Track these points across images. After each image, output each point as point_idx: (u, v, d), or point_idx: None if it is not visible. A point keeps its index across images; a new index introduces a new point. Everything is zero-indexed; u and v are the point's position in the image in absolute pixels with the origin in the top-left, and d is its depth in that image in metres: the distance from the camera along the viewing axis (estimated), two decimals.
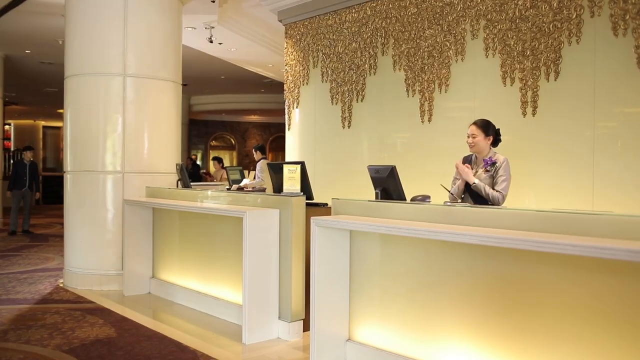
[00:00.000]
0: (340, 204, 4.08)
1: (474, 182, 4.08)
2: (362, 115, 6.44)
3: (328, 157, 6.84)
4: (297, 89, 7.22)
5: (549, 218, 2.94)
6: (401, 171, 6.05)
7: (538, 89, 4.91)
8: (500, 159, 4.14)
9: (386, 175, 3.98)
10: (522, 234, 2.87)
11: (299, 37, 7.16)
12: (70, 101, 6.50)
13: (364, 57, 6.36)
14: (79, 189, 6.40)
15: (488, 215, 3.20)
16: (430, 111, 5.73)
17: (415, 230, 3.23)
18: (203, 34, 8.23)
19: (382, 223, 3.47)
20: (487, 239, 2.89)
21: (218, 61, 11.54)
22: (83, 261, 6.38)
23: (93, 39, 6.32)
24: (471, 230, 3.07)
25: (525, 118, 5.00)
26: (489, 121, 4.22)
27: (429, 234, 3.16)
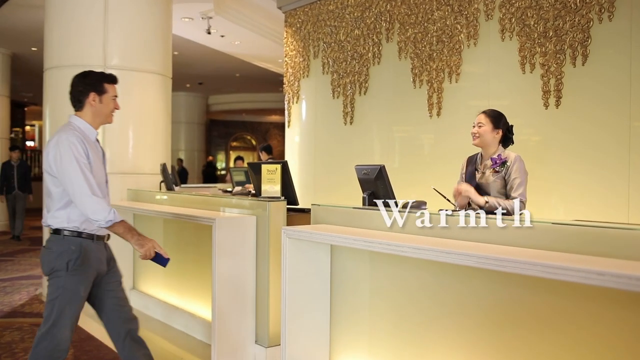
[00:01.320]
0: (321, 211, 3.44)
1: (486, 202, 3.36)
2: (365, 110, 5.77)
3: (329, 156, 6.19)
4: (297, 82, 6.59)
5: (570, 233, 2.26)
6: (405, 172, 5.46)
7: (562, 75, 4.18)
8: (511, 156, 3.43)
9: (374, 177, 3.32)
10: (531, 255, 2.18)
11: (299, 25, 6.53)
12: (49, 96, 6.00)
13: (367, 45, 5.69)
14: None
15: (493, 229, 2.53)
16: (439, 104, 5.03)
17: (397, 247, 2.56)
18: (201, 25, 7.67)
19: (361, 236, 2.81)
20: (486, 260, 2.21)
21: (230, 58, 11.00)
22: None
23: (71, 27, 5.79)
24: (467, 247, 2.40)
25: (547, 110, 4.27)
26: (502, 113, 3.52)
27: (413, 252, 2.49)
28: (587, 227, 2.25)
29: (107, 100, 2.88)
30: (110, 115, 2.93)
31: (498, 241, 2.48)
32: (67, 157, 2.68)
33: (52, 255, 2.75)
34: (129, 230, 2.79)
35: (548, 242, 2.32)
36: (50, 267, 2.75)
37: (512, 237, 2.45)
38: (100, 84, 2.86)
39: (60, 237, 2.75)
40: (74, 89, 2.87)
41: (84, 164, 2.69)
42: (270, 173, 3.99)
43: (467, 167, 3.61)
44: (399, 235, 2.81)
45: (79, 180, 2.67)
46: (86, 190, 2.67)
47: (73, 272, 2.73)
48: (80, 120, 2.84)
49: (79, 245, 2.76)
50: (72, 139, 2.70)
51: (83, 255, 2.75)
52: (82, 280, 2.77)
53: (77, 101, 2.86)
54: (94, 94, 2.83)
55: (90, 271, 2.81)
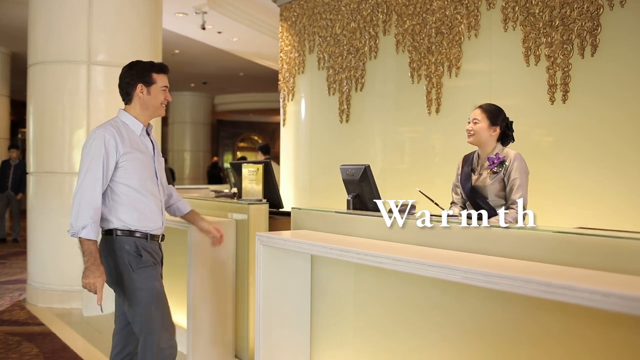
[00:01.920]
0: (301, 216, 3.14)
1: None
2: (361, 107, 5.46)
3: (325, 156, 5.88)
4: (292, 79, 6.29)
5: (574, 243, 1.95)
6: (403, 172, 5.14)
7: (570, 68, 3.85)
8: (510, 154, 3.11)
9: (359, 178, 3.01)
10: (527, 270, 1.87)
11: (294, 19, 6.24)
12: (33, 93, 5.75)
13: (364, 39, 5.38)
14: (41, 193, 5.64)
15: (486, 237, 2.21)
16: (439, 100, 4.71)
17: (375, 258, 2.26)
18: (196, 20, 7.39)
19: (341, 243, 2.51)
20: (473, 275, 1.90)
21: (232, 56, 10.73)
22: (44, 275, 5.62)
23: (54, 21, 5.54)
24: (455, 259, 2.09)
25: (553, 106, 3.94)
26: (500, 109, 3.20)
27: (393, 264, 2.18)
28: (593, 236, 1.93)
29: (156, 92, 2.68)
30: (161, 107, 2.73)
31: (495, 251, 2.17)
32: (86, 150, 2.55)
33: (109, 259, 2.60)
34: (88, 253, 2.52)
35: (550, 253, 2.01)
36: (112, 273, 2.60)
37: (511, 247, 2.14)
38: (147, 75, 2.66)
39: (112, 239, 2.60)
40: (121, 81, 2.70)
41: (103, 162, 2.53)
42: (252, 174, 3.69)
43: (462, 167, 3.29)
44: (386, 245, 2.51)
45: (86, 174, 2.52)
46: (86, 187, 2.50)
47: (139, 270, 2.60)
48: (126, 114, 2.68)
49: (133, 244, 2.61)
50: (102, 132, 2.55)
51: (143, 253, 2.62)
52: (153, 274, 2.65)
53: (125, 94, 2.69)
54: (141, 85, 2.64)
55: (156, 265, 2.70)
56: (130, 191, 2.60)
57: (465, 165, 3.27)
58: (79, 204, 2.49)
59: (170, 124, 18.18)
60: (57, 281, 5.54)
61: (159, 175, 2.75)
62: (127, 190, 2.60)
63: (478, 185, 3.15)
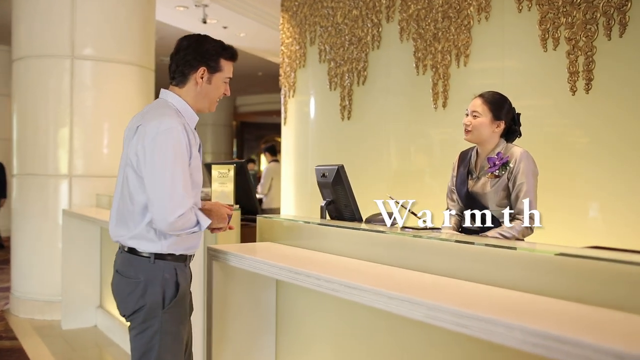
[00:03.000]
0: (267, 226, 2.66)
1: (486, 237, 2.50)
2: (363, 103, 4.96)
3: (326, 156, 5.39)
4: (293, 74, 5.82)
5: (581, 269, 1.43)
6: (406, 176, 4.59)
7: (594, 52, 3.28)
8: (515, 153, 2.56)
9: (332, 180, 2.52)
10: (516, 306, 1.37)
11: (295, 8, 5.77)
12: (16, 90, 5.42)
13: (366, 27, 4.88)
14: (24, 197, 5.29)
15: (474, 257, 1.70)
16: (445, 93, 4.17)
17: (327, 283, 1.76)
18: (197, 14, 6.99)
19: (306, 260, 2.03)
20: (439, 315, 1.39)
21: (247, 55, 10.32)
22: (26, 284, 5.27)
23: (37, 13, 5.19)
24: (426, 288, 1.59)
25: (575, 96, 3.37)
26: (505, 98, 2.66)
27: (346, 291, 1.69)
28: (609, 262, 1.41)
29: (218, 82, 2.14)
30: (216, 102, 2.21)
31: (484, 275, 1.66)
32: (163, 149, 1.96)
33: (138, 287, 2.04)
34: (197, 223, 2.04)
35: (550, 281, 1.49)
36: (136, 304, 2.05)
37: (503, 271, 1.63)
38: (216, 59, 2.11)
39: (148, 262, 2.05)
40: (179, 57, 2.12)
41: (184, 163, 2.00)
42: (222, 176, 3.23)
43: (458, 168, 2.76)
44: (353, 264, 2.02)
45: (178, 176, 1.96)
46: (178, 190, 1.96)
47: (172, 309, 2.05)
48: (180, 100, 2.12)
49: (173, 271, 2.06)
50: (178, 127, 1.99)
51: (181, 284, 2.08)
52: (182, 317, 2.10)
53: (180, 74, 2.12)
54: (204, 69, 2.09)
55: (187, 304, 2.15)
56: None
57: (461, 166, 2.74)
58: (176, 200, 1.95)
59: None
60: (38, 290, 5.19)
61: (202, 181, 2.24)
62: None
63: (476, 191, 2.62)
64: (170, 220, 1.94)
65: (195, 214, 2.01)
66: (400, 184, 4.56)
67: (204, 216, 2.04)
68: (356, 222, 2.43)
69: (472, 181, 2.65)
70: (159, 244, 2.05)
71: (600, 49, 3.25)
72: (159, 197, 1.96)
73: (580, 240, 3.26)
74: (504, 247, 1.66)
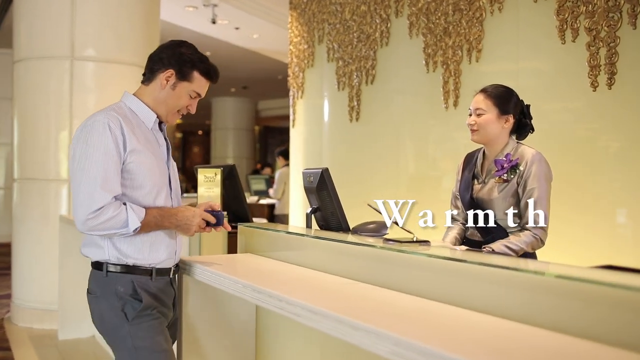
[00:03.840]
0: (248, 235, 2.42)
1: (489, 249, 2.21)
2: (371, 103, 4.69)
3: (336, 161, 5.13)
4: (302, 74, 5.58)
5: (589, 296, 1.15)
6: (416, 179, 4.31)
7: (617, 43, 2.96)
8: (526, 155, 2.27)
9: (316, 185, 2.26)
10: (501, 342, 1.09)
11: (303, 6, 5.53)
12: (17, 92, 5.28)
13: (374, 23, 4.61)
14: (24, 202, 5.15)
15: (463, 276, 1.43)
16: (457, 91, 3.88)
17: (289, 305, 1.51)
18: (207, 14, 6.81)
19: (268, 277, 1.78)
20: (404, 351, 1.13)
21: (265, 58, 10.15)
22: (25, 291, 5.12)
23: (37, 13, 5.05)
24: (396, 316, 1.32)
25: (596, 93, 3.05)
26: (511, 90, 2.37)
27: (308, 317, 1.43)
28: (619, 288, 1.12)
29: (182, 93, 1.95)
30: (176, 114, 2.01)
31: (476, 300, 1.38)
32: (82, 144, 1.82)
33: (98, 302, 1.92)
34: (153, 224, 1.88)
35: (548, 309, 1.21)
36: (102, 321, 1.92)
37: (496, 296, 1.35)
38: (189, 66, 1.93)
39: (102, 275, 1.90)
40: (155, 53, 1.98)
41: (111, 158, 1.81)
42: (209, 180, 2.99)
43: (463, 171, 2.48)
44: (330, 281, 1.76)
45: (94, 170, 1.79)
46: (95, 183, 1.78)
47: (137, 321, 1.88)
48: (135, 100, 1.96)
49: (130, 284, 1.89)
50: (104, 120, 1.82)
51: (143, 297, 1.90)
52: (155, 327, 1.91)
53: (149, 70, 1.97)
54: (172, 72, 1.92)
55: (163, 312, 1.96)
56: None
57: (466, 169, 2.46)
58: (92, 195, 1.78)
59: (213, 130, 17.85)
60: (37, 299, 5.03)
61: (173, 185, 2.04)
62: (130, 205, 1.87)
63: (481, 197, 2.33)
64: (81, 217, 1.78)
65: (127, 213, 1.81)
66: (412, 187, 4.27)
67: (136, 218, 1.82)
68: (341, 233, 2.17)
69: (477, 186, 2.36)
70: (105, 250, 1.88)
71: (625, 39, 2.93)
72: (75, 193, 1.81)
73: (603, 252, 2.95)
74: (499, 266, 1.38)
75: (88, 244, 1.93)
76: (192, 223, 1.94)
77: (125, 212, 1.81)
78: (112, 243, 1.88)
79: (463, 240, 2.41)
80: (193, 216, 1.94)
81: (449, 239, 2.37)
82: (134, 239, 1.88)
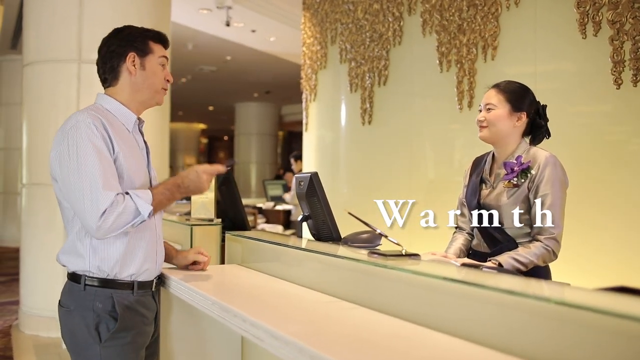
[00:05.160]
0: (234, 245, 2.24)
1: (495, 262, 1.99)
2: (384, 105, 4.49)
3: (348, 166, 4.94)
4: (315, 75, 5.41)
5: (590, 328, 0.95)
6: (429, 186, 4.07)
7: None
8: (539, 158, 2.05)
9: (306, 191, 2.08)
10: None
11: (316, 6, 5.37)
12: (26, 96, 5.22)
13: (387, 21, 4.41)
14: (32, 207, 5.08)
15: (454, 298, 1.23)
16: (471, 91, 3.66)
17: (254, 327, 1.32)
18: (221, 17, 6.70)
19: (217, 296, 1.60)
20: None
21: (286, 62, 10.03)
22: (32, 298, 5.04)
23: (43, 15, 4.99)
24: (369, 344, 1.13)
25: (620, 90, 2.81)
26: (527, 88, 2.16)
27: (270, 341, 1.24)
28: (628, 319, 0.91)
29: (154, 66, 1.83)
30: (161, 91, 1.87)
31: (463, 325, 1.18)
32: (71, 147, 1.66)
33: (71, 317, 1.76)
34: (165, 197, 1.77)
35: (554, 339, 1.01)
36: (72, 337, 1.76)
37: (483, 322, 1.15)
38: (142, 39, 1.82)
39: (79, 289, 1.74)
40: (103, 51, 1.84)
41: (104, 156, 1.68)
42: None
43: (470, 176, 2.26)
44: (313, 299, 1.58)
45: (91, 172, 1.64)
46: (96, 185, 1.63)
47: (111, 343, 1.73)
48: (110, 99, 1.82)
49: (109, 299, 1.74)
50: (88, 120, 1.69)
51: (120, 315, 1.74)
52: (128, 352, 1.76)
53: (109, 70, 1.82)
54: (133, 55, 1.80)
55: (142, 331, 1.81)
56: None
57: (474, 173, 2.24)
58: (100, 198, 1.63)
59: (236, 135, 17.81)
60: (43, 306, 4.93)
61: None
62: None
63: (489, 203, 2.11)
64: (92, 225, 1.62)
65: (133, 201, 1.67)
66: (427, 190, 4.05)
67: (144, 202, 1.68)
68: (330, 243, 1.98)
69: (485, 191, 2.15)
70: (86, 259, 1.73)
71: None
72: (76, 200, 1.65)
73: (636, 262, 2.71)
74: (494, 289, 1.17)
75: (67, 251, 1.77)
76: (200, 180, 1.80)
77: (132, 201, 1.67)
78: (94, 254, 1.72)
79: (469, 251, 2.20)
80: (198, 176, 1.80)
81: (453, 250, 2.16)
82: (116, 250, 1.73)
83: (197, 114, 19.48)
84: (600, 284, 1.38)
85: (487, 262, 1.98)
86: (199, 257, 2.00)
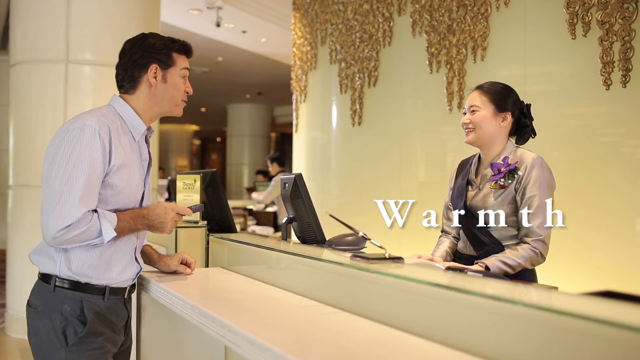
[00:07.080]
0: (218, 247, 2.20)
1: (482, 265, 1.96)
2: (374, 106, 4.47)
3: (339, 168, 4.91)
4: (305, 76, 5.38)
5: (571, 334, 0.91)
6: (419, 187, 4.06)
7: (632, 36, 2.70)
8: (526, 159, 2.03)
9: (290, 193, 2.04)
10: None
11: (306, 6, 5.33)
12: (13, 97, 5.16)
13: (377, 22, 4.39)
14: (18, 209, 5.02)
15: (435, 302, 1.20)
16: (461, 92, 3.64)
17: (231, 335, 1.29)
18: (212, 17, 6.66)
19: (195, 300, 1.56)
20: None
21: (278, 64, 9.99)
22: (19, 301, 4.96)
23: (30, 14, 4.93)
24: (346, 351, 1.10)
25: (609, 91, 2.79)
26: (510, 88, 2.13)
27: (245, 346, 1.21)
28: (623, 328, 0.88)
29: (175, 79, 1.80)
30: (181, 103, 1.85)
31: (450, 333, 1.15)
32: (66, 149, 1.62)
33: (39, 318, 1.71)
34: (127, 229, 1.72)
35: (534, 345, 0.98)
36: (38, 339, 1.71)
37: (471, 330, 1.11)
38: (166, 52, 1.79)
39: (49, 290, 1.69)
40: (125, 59, 1.79)
41: (95, 169, 1.64)
42: (188, 187, 2.79)
43: (456, 178, 2.23)
44: (295, 303, 1.54)
45: (76, 181, 1.60)
46: (74, 196, 1.58)
47: (77, 348, 1.67)
48: (124, 105, 1.78)
49: (78, 302, 1.69)
50: (95, 126, 1.64)
51: (89, 319, 1.69)
52: (96, 358, 1.71)
53: (129, 78, 1.78)
54: (156, 66, 1.76)
55: (110, 338, 1.75)
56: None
57: (460, 176, 2.21)
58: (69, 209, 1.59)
59: (229, 137, 17.75)
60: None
61: (145, 203, 1.86)
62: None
63: (475, 205, 2.09)
64: (51, 231, 1.58)
65: (99, 222, 1.62)
66: (417, 190, 4.03)
67: (110, 226, 1.64)
68: (314, 246, 1.94)
69: (471, 192, 2.12)
70: (57, 263, 1.68)
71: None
72: (47, 204, 1.62)
73: (623, 263, 2.69)
74: (478, 294, 1.14)
75: (40, 252, 1.74)
76: (166, 220, 1.76)
77: (97, 221, 1.62)
78: (67, 257, 1.68)
79: (455, 254, 2.17)
80: (165, 212, 1.76)
81: (439, 254, 2.13)
82: (91, 255, 1.69)
83: (190, 116, 19.40)
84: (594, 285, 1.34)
85: (474, 265, 1.95)
86: (180, 268, 1.96)
